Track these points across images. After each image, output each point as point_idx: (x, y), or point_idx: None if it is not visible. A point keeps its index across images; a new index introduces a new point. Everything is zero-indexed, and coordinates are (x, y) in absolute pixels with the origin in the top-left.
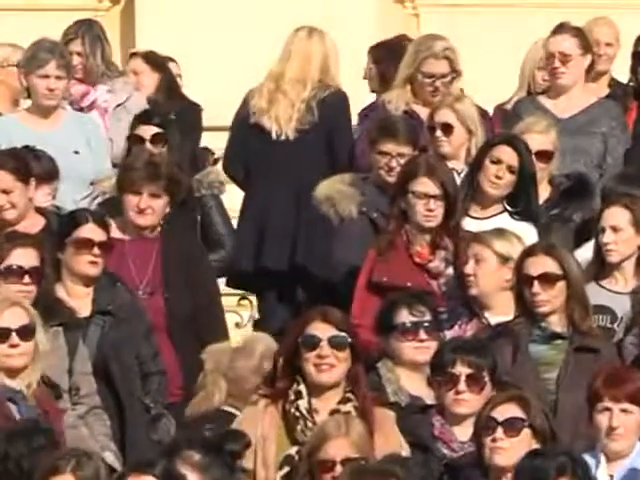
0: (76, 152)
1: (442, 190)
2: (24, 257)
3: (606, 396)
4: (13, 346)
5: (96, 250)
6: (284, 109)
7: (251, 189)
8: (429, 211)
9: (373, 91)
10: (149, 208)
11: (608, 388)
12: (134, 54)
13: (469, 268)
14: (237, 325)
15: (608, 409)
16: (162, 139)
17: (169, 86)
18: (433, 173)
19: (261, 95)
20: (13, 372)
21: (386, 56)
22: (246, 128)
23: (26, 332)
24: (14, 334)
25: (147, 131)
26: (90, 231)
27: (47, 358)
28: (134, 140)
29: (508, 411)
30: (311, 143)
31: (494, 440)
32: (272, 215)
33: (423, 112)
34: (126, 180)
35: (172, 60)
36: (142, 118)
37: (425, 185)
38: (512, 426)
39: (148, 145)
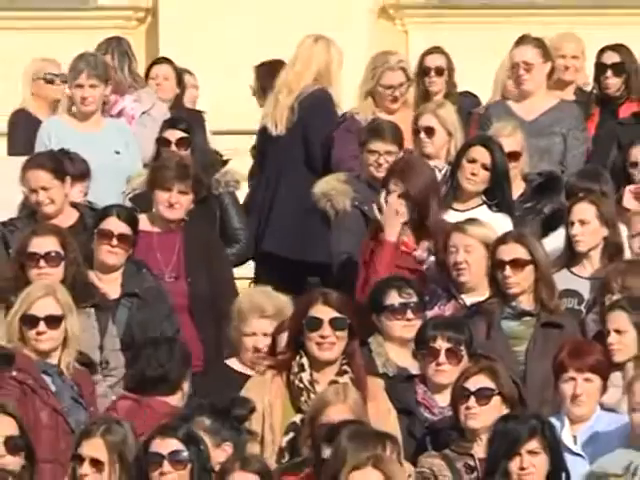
0: (117, 152)
1: (405, 190)
2: (39, 244)
3: (571, 367)
4: (40, 333)
5: (115, 241)
6: (280, 111)
7: (254, 183)
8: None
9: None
10: (177, 203)
11: (572, 360)
12: (163, 60)
13: (460, 257)
14: None
15: (573, 379)
16: (187, 142)
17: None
18: (402, 175)
19: (269, 100)
20: (43, 354)
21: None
22: (260, 131)
23: (53, 320)
24: (42, 322)
25: (174, 135)
26: (111, 224)
27: (80, 339)
28: (162, 142)
29: (479, 382)
30: (293, 140)
31: (467, 408)
32: (271, 206)
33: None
34: (158, 178)
35: (189, 72)
36: (169, 123)
37: (393, 186)
38: (482, 395)
39: (174, 147)
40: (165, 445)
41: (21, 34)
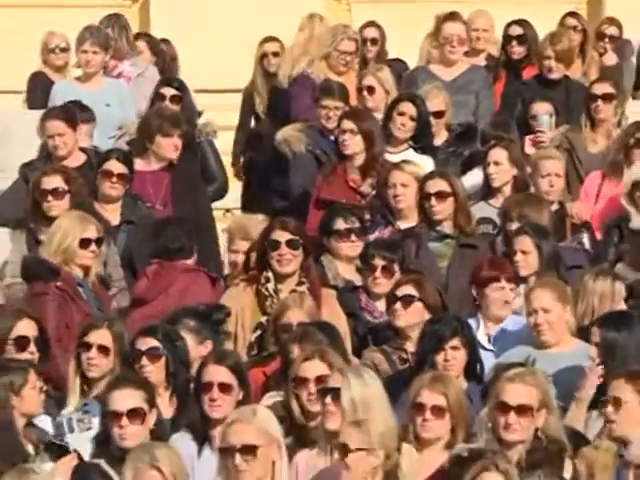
0: (107, 105)
1: (358, 126)
2: (48, 182)
3: (502, 277)
4: (93, 252)
5: (114, 179)
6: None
7: None
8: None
9: None
10: (178, 146)
11: (501, 272)
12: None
13: (399, 190)
14: (223, 231)
15: (503, 287)
16: (178, 99)
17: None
18: (352, 116)
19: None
20: (87, 269)
21: None
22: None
23: (100, 242)
24: (94, 243)
25: (169, 91)
26: (112, 165)
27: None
28: (159, 97)
29: (405, 290)
30: None
31: (394, 310)
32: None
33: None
34: (162, 126)
35: (167, 41)
36: (165, 82)
37: (346, 124)
38: (406, 300)
39: (168, 102)
40: (144, 342)
41: (36, 11)
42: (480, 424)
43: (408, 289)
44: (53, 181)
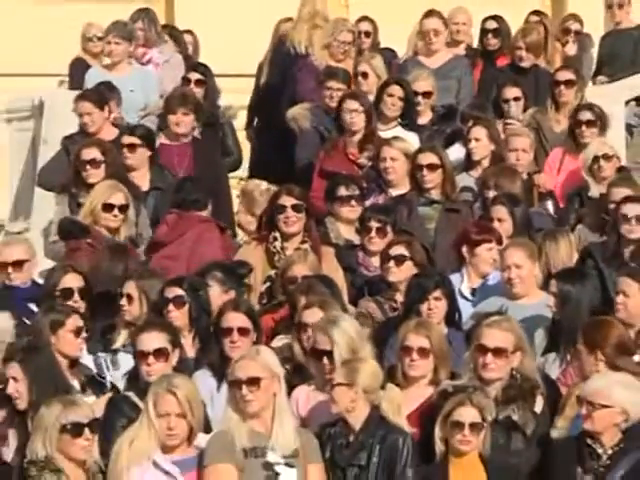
0: (131, 90)
1: (362, 107)
2: (86, 153)
3: (494, 238)
4: (116, 215)
5: (125, 150)
6: None
7: None
8: (353, 120)
9: None
10: (182, 122)
11: (490, 234)
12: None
13: (388, 163)
14: (237, 196)
15: (491, 249)
16: (203, 83)
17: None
18: (356, 97)
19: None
20: (115, 230)
21: None
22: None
23: (124, 208)
24: (117, 209)
25: (194, 76)
26: (125, 138)
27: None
28: (185, 81)
29: (397, 250)
30: None
31: (388, 267)
32: None
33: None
34: (167, 106)
35: (190, 32)
36: (192, 67)
37: (351, 104)
38: (398, 260)
39: (192, 86)
40: (171, 291)
41: (77, 5)
42: (464, 365)
43: (400, 249)
44: (91, 152)
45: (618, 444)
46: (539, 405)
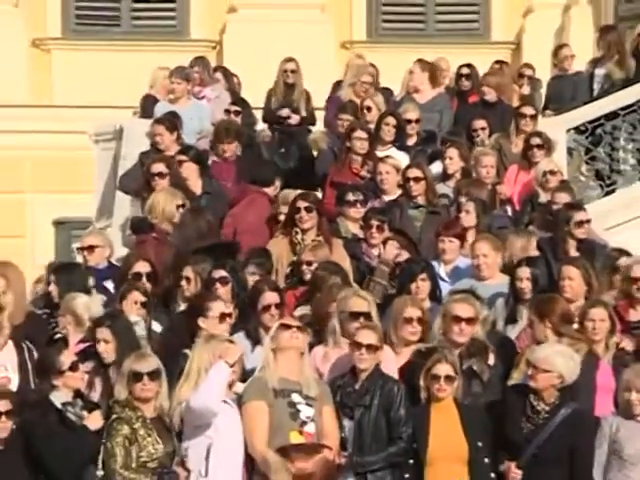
0: (190, 119)
1: (367, 134)
2: (155, 168)
3: (442, 236)
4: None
5: (183, 165)
6: None
7: None
8: (362, 145)
9: None
10: (228, 150)
11: (453, 229)
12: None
13: (384, 176)
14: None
15: (452, 241)
16: (239, 113)
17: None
18: (363, 128)
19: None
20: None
21: None
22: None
23: (183, 207)
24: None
25: (232, 108)
26: (179, 157)
27: None
28: (227, 112)
29: (393, 245)
30: None
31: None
32: None
33: (358, 101)
34: (215, 136)
35: (234, 75)
36: (232, 101)
37: (360, 133)
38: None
39: (232, 115)
40: (217, 273)
41: (150, 53)
42: (434, 332)
43: (395, 244)
44: (158, 167)
45: (554, 402)
46: (491, 359)
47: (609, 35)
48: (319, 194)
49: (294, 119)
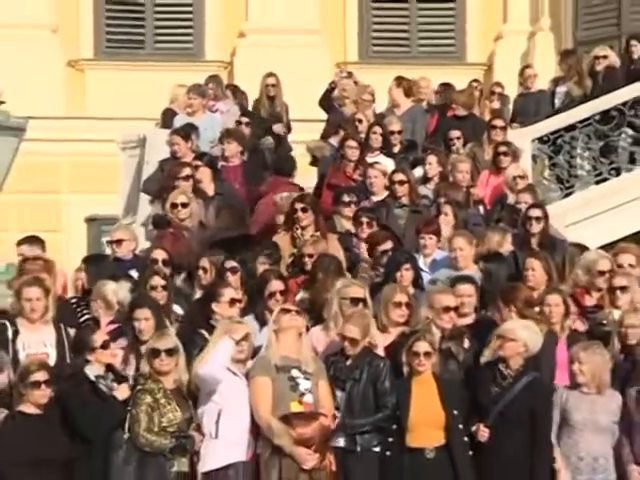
0: (205, 129)
1: (357, 143)
2: (176, 172)
3: (422, 232)
4: (179, 211)
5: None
6: None
7: None
8: (353, 153)
9: None
10: (229, 150)
11: (426, 227)
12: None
13: (372, 180)
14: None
15: (431, 238)
16: (248, 124)
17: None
18: (354, 139)
19: None
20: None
21: None
22: None
23: (185, 206)
24: (180, 206)
25: (243, 119)
26: (194, 162)
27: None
28: (237, 123)
29: (385, 244)
30: None
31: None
32: None
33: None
34: (220, 138)
35: (243, 92)
36: (242, 114)
37: (352, 142)
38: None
39: (243, 126)
40: (229, 263)
41: (170, 72)
42: (420, 317)
43: (384, 238)
44: (184, 171)
45: (519, 369)
46: (467, 343)
47: (569, 58)
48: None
49: (283, 132)
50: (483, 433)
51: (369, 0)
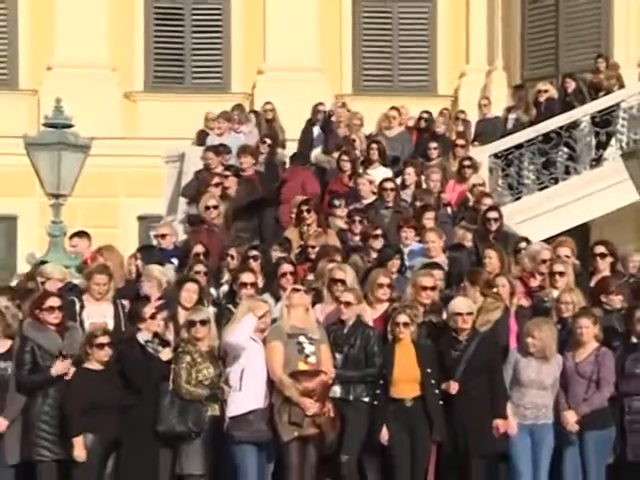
0: (231, 145)
1: (350, 159)
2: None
3: (404, 227)
4: (211, 212)
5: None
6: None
7: None
8: (346, 166)
9: None
10: (245, 162)
11: (406, 223)
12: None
13: (362, 186)
14: None
15: (407, 232)
16: (270, 143)
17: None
18: (347, 154)
19: None
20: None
21: None
22: None
23: (216, 207)
24: (212, 208)
25: (267, 140)
26: (224, 172)
27: None
28: (262, 142)
29: (378, 242)
30: None
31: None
32: None
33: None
34: (237, 154)
35: (256, 112)
36: (265, 135)
37: (345, 158)
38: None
39: (265, 145)
40: (251, 252)
41: (203, 103)
42: (407, 295)
43: (376, 232)
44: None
45: (469, 334)
46: (444, 315)
47: (519, 91)
48: None
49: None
50: (454, 386)
51: (361, 45)
